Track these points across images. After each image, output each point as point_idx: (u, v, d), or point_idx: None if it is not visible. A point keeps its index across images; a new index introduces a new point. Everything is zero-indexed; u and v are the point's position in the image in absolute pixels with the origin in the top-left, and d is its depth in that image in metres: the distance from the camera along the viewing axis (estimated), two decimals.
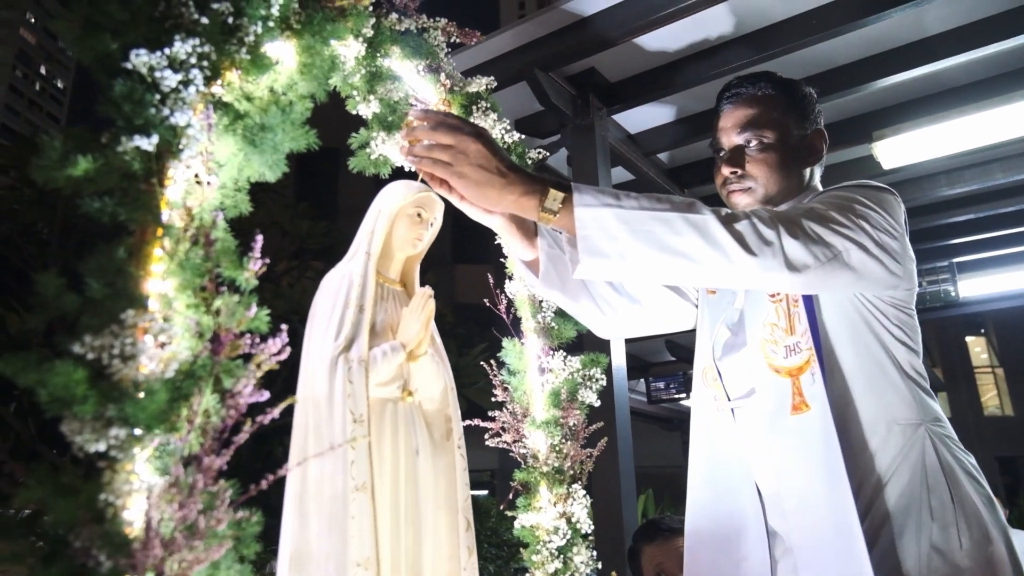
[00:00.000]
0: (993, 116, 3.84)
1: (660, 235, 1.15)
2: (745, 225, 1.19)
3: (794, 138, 1.53)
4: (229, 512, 1.01)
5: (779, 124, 1.51)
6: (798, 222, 1.23)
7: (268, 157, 1.23)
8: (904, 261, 1.36)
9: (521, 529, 1.76)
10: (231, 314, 1.10)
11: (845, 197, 1.35)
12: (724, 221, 1.18)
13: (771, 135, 1.51)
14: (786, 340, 1.43)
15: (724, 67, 3.46)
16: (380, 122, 1.71)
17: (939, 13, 3.29)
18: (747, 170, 1.52)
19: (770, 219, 1.21)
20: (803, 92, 1.59)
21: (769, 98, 1.53)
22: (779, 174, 1.51)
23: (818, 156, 1.58)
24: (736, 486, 1.53)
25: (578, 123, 3.54)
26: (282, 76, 1.38)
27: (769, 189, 1.53)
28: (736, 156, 1.53)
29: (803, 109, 1.56)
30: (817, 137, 1.57)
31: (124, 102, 1.10)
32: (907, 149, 4.13)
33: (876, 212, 1.32)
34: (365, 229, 1.48)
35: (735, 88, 1.59)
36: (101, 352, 0.97)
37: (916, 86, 3.91)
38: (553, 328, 1.90)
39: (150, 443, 1.00)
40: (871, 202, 1.34)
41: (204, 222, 1.14)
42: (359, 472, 1.24)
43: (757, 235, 1.18)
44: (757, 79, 1.57)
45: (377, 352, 1.36)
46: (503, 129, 1.87)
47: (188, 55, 1.15)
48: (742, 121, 1.53)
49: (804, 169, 1.56)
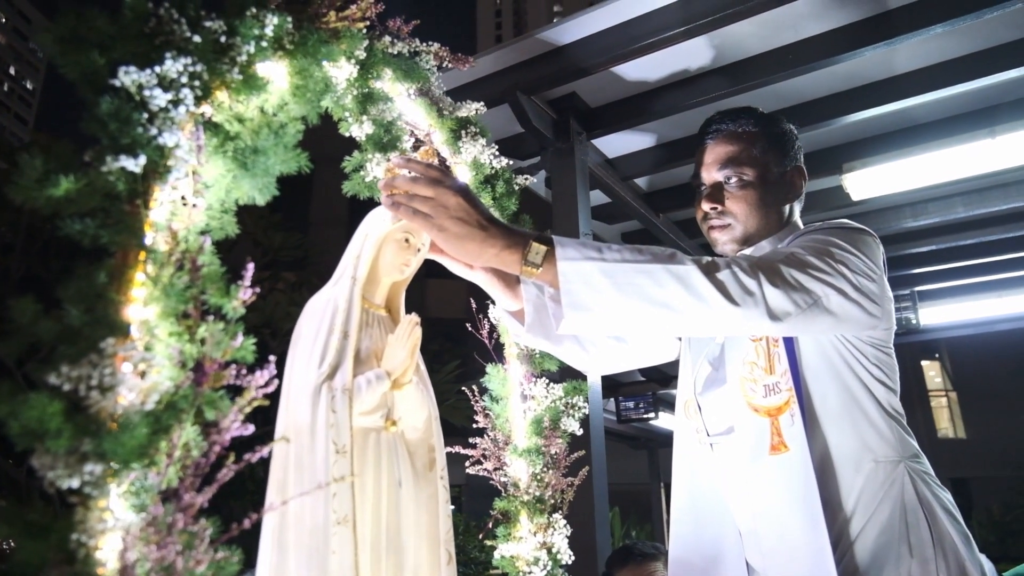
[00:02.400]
0: (956, 153, 3.97)
1: (643, 287, 1.15)
2: (727, 275, 1.19)
3: (774, 175, 1.53)
4: (209, 552, 0.96)
5: (759, 161, 1.52)
6: (778, 269, 1.23)
7: (259, 180, 1.20)
8: (882, 302, 1.37)
9: (501, 559, 1.74)
10: (216, 343, 1.06)
11: (824, 240, 1.35)
12: (706, 271, 1.18)
13: (751, 172, 1.51)
14: (765, 379, 1.43)
15: (701, 97, 3.52)
16: (374, 143, 1.69)
17: (909, 53, 3.39)
18: (726, 207, 1.53)
19: (751, 268, 1.22)
20: (784, 129, 1.60)
21: (750, 135, 1.54)
22: (758, 211, 1.52)
23: (797, 193, 1.59)
24: (716, 519, 1.53)
25: (558, 146, 3.55)
26: (273, 97, 1.35)
27: (748, 226, 1.53)
28: (716, 192, 1.54)
29: (783, 146, 1.56)
30: (797, 174, 1.58)
31: (110, 120, 1.06)
32: (875, 182, 4.24)
33: (855, 255, 1.33)
34: (351, 253, 1.45)
35: (717, 124, 1.59)
36: (78, 383, 0.92)
37: (885, 122, 4.02)
38: (536, 355, 1.88)
39: (126, 478, 0.95)
40: (850, 245, 1.34)
41: (190, 246, 1.10)
42: (341, 505, 1.21)
43: (739, 284, 1.18)
44: (739, 115, 1.58)
45: (362, 380, 1.33)
46: (491, 154, 1.86)
47: (179, 74, 1.12)
48: (722, 158, 1.53)
49: (783, 206, 1.57)
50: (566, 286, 1.14)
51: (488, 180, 1.88)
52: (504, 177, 1.91)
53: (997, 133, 3.82)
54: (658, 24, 3.11)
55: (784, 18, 3.14)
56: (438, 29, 25.02)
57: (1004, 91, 3.71)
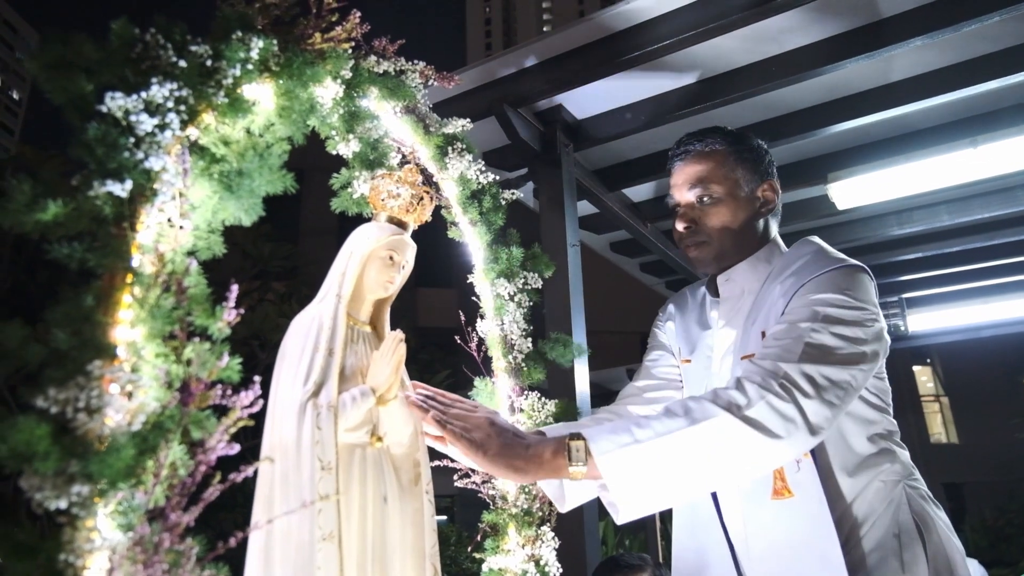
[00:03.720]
0: (939, 163, 4.03)
1: (685, 459, 1.15)
2: (761, 409, 1.16)
3: (745, 192, 1.53)
4: (195, 570, 0.98)
5: (728, 179, 1.53)
6: (806, 373, 1.21)
7: (244, 201, 1.22)
8: (882, 341, 1.36)
9: (489, 572, 1.75)
10: (202, 363, 1.08)
11: (827, 303, 1.31)
12: (739, 414, 1.15)
13: (720, 190, 1.52)
14: None
15: (687, 108, 3.56)
16: (361, 161, 1.71)
17: (890, 65, 3.45)
18: (700, 225, 1.54)
19: (781, 387, 1.18)
20: (752, 145, 1.59)
21: (717, 153, 1.55)
22: (732, 228, 1.52)
23: (771, 207, 1.58)
24: (712, 541, 1.51)
25: (545, 158, 3.59)
26: (259, 118, 1.37)
27: (723, 243, 1.53)
28: (689, 212, 1.56)
29: (753, 162, 1.56)
30: (769, 189, 1.57)
31: (97, 145, 1.08)
32: (860, 191, 4.29)
33: (860, 308, 1.31)
34: (336, 271, 1.47)
35: (685, 145, 1.61)
36: (65, 405, 0.94)
37: (869, 132, 4.07)
38: (523, 369, 1.91)
39: (113, 498, 0.96)
40: (853, 298, 1.32)
41: (176, 268, 1.12)
42: (326, 521, 1.22)
43: (776, 415, 1.16)
44: (706, 135, 1.59)
45: (347, 397, 1.35)
46: (478, 170, 1.89)
47: (165, 99, 1.14)
48: (692, 178, 1.56)
49: (757, 221, 1.56)
50: (613, 485, 1.16)
51: (475, 195, 1.91)
52: (491, 192, 1.93)
53: (979, 143, 3.88)
54: (642, 38, 3.15)
55: (766, 32, 3.19)
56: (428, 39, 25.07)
57: (985, 102, 3.77)
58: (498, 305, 1.87)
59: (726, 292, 1.57)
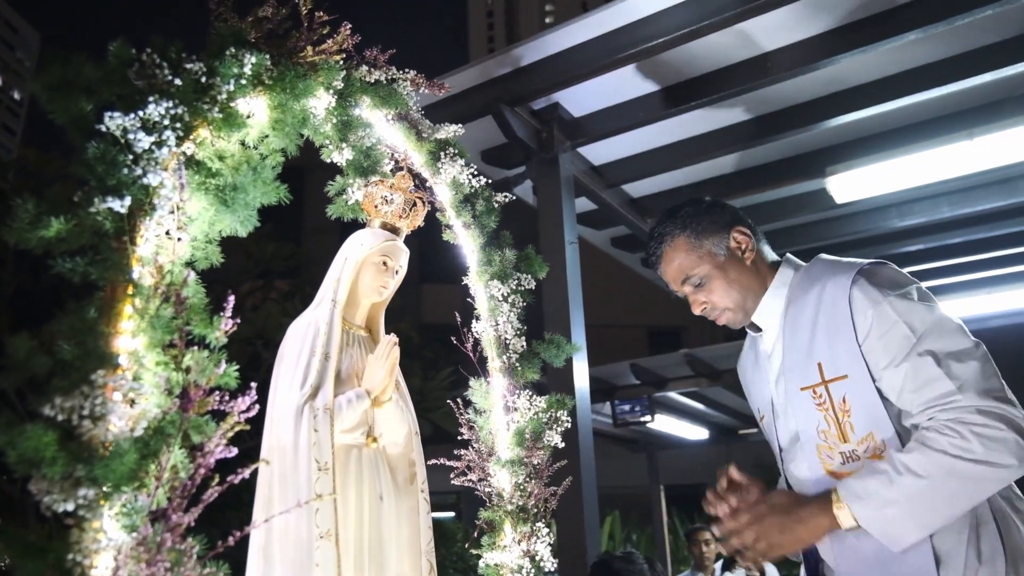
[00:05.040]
0: (936, 155, 4.03)
1: (944, 501, 1.26)
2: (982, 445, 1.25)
3: (722, 254, 1.60)
4: (196, 568, 1.03)
5: (702, 257, 1.60)
6: (978, 392, 1.29)
7: (240, 213, 1.27)
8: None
9: (486, 567, 1.80)
10: (201, 370, 1.13)
11: (904, 313, 1.37)
12: (969, 458, 1.25)
13: (702, 270, 1.59)
14: (841, 447, 1.44)
15: (683, 104, 3.58)
16: (355, 168, 1.75)
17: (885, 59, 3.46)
18: (709, 302, 1.62)
19: (982, 415, 1.27)
20: (704, 210, 1.65)
21: (680, 243, 1.62)
22: (733, 288, 1.59)
23: (750, 248, 1.62)
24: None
25: (542, 156, 3.62)
26: (254, 131, 1.42)
27: (735, 302, 1.60)
28: (692, 297, 1.64)
29: (711, 226, 1.61)
30: (737, 235, 1.62)
31: (97, 163, 1.13)
32: (858, 184, 4.30)
33: (926, 298, 1.41)
34: (331, 277, 1.52)
35: (652, 252, 1.69)
36: (71, 413, 0.99)
37: (866, 125, 4.08)
38: (518, 368, 1.95)
39: (118, 501, 1.02)
40: (934, 304, 1.41)
41: (175, 279, 1.17)
42: (324, 520, 1.27)
43: (997, 443, 1.25)
44: (662, 232, 1.65)
45: (342, 400, 1.39)
46: (470, 174, 1.93)
47: (161, 116, 1.19)
48: (675, 275, 1.64)
49: (747, 265, 1.61)
50: (885, 538, 1.29)
51: (468, 199, 1.95)
52: (483, 196, 1.97)
53: (975, 135, 3.88)
54: (637, 36, 3.18)
55: (761, 28, 3.20)
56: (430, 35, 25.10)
57: (980, 95, 3.77)
58: (492, 306, 1.91)
59: (764, 324, 1.65)
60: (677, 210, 1.66)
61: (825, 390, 1.45)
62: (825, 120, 3.82)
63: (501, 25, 65.63)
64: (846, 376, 1.43)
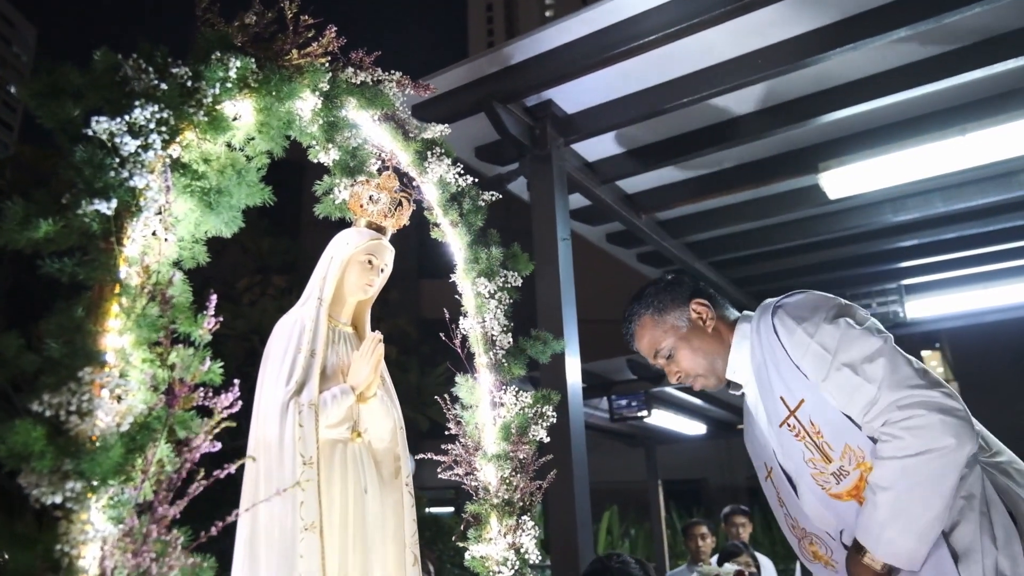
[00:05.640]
0: (929, 151, 4.05)
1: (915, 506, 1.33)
2: (912, 437, 1.32)
3: (684, 325, 1.73)
4: (181, 558, 1.06)
5: (667, 331, 1.73)
6: (889, 384, 1.38)
7: (224, 215, 1.30)
8: (849, 306, 1.57)
9: (472, 560, 1.83)
10: (186, 367, 1.16)
11: (845, 336, 1.47)
12: (909, 454, 1.32)
13: (669, 342, 1.72)
14: (829, 468, 1.50)
15: (676, 101, 3.60)
16: (341, 168, 1.78)
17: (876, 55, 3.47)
18: (680, 370, 1.74)
19: (901, 411, 1.35)
20: (664, 288, 1.78)
21: (645, 320, 1.76)
22: (699, 354, 1.72)
23: (709, 316, 1.73)
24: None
25: (536, 152, 3.64)
26: (240, 133, 1.45)
27: (704, 367, 1.73)
28: (667, 368, 1.77)
29: (671, 303, 1.74)
30: (696, 305, 1.73)
31: (85, 167, 1.16)
32: (851, 180, 4.32)
33: (830, 317, 1.51)
34: (317, 275, 1.55)
35: (624, 333, 1.82)
36: (59, 409, 1.03)
37: (859, 121, 4.10)
38: (504, 364, 1.98)
39: (105, 493, 1.05)
40: (840, 318, 1.51)
41: (161, 279, 1.20)
42: (308, 512, 1.30)
43: (925, 430, 1.32)
44: (630, 313, 1.79)
45: (327, 395, 1.43)
46: (457, 173, 1.96)
47: (147, 120, 1.22)
48: (647, 350, 1.78)
49: (709, 330, 1.72)
50: (899, 560, 1.36)
51: (454, 198, 1.98)
52: (470, 195, 2.00)
53: (968, 131, 3.90)
54: (630, 33, 3.20)
55: (752, 25, 3.22)
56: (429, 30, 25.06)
57: (972, 91, 3.79)
58: (479, 303, 1.95)
59: (740, 379, 1.75)
60: (641, 291, 1.81)
61: (796, 420, 1.53)
62: (818, 116, 3.84)
63: (501, 19, 65.43)
64: (803, 400, 1.51)
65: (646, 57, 3.39)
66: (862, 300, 7.05)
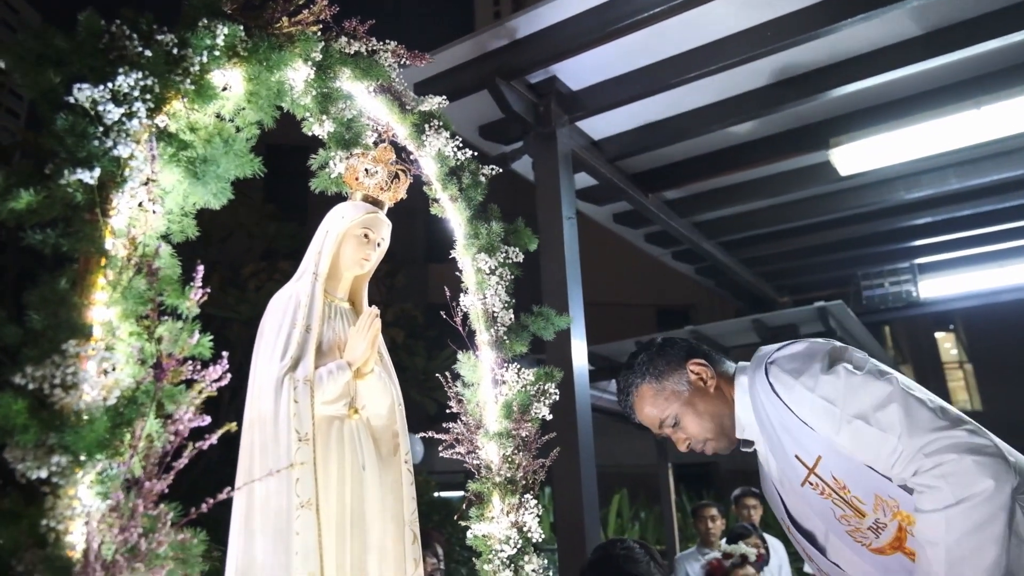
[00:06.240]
0: (942, 125, 3.96)
1: (969, 554, 1.22)
2: (948, 486, 1.23)
3: (685, 391, 1.61)
4: (171, 534, 1.04)
5: (668, 399, 1.62)
6: (910, 428, 1.28)
7: (212, 186, 1.27)
8: (843, 349, 1.45)
9: (474, 538, 1.81)
10: (174, 341, 1.14)
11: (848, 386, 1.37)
12: (950, 504, 1.23)
13: (672, 410, 1.61)
14: (864, 523, 1.44)
15: (684, 76, 3.53)
16: (336, 141, 1.74)
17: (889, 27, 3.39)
18: (688, 437, 1.63)
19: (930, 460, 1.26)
20: (657, 353, 1.65)
21: (644, 391, 1.64)
22: (703, 418, 1.60)
23: (709, 376, 1.62)
24: None
25: (540, 130, 3.59)
26: (229, 103, 1.41)
27: (713, 430, 1.61)
28: (674, 436, 1.65)
29: (668, 369, 1.62)
30: (694, 367, 1.62)
31: (67, 135, 1.13)
32: (862, 156, 4.24)
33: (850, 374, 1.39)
34: (313, 250, 1.52)
35: (622, 405, 1.71)
36: (42, 382, 1.00)
37: (870, 95, 4.01)
38: (506, 341, 1.95)
39: (92, 468, 1.03)
40: (837, 366, 1.41)
41: (147, 251, 1.17)
42: (304, 489, 1.28)
43: (959, 478, 1.23)
44: (626, 385, 1.67)
45: (323, 371, 1.40)
46: (455, 146, 1.91)
47: (131, 88, 1.18)
48: (650, 421, 1.66)
49: (711, 391, 1.62)
50: None
51: (453, 172, 1.93)
52: (470, 169, 1.96)
53: (983, 104, 3.81)
54: (635, 6, 3.13)
55: None
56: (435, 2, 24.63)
57: (987, 62, 3.69)
58: (479, 279, 1.91)
59: (748, 436, 1.65)
60: (633, 360, 1.69)
61: (817, 477, 1.45)
62: (829, 90, 3.76)
63: None
64: (820, 457, 1.43)
65: (652, 30, 3.32)
66: (874, 280, 6.96)
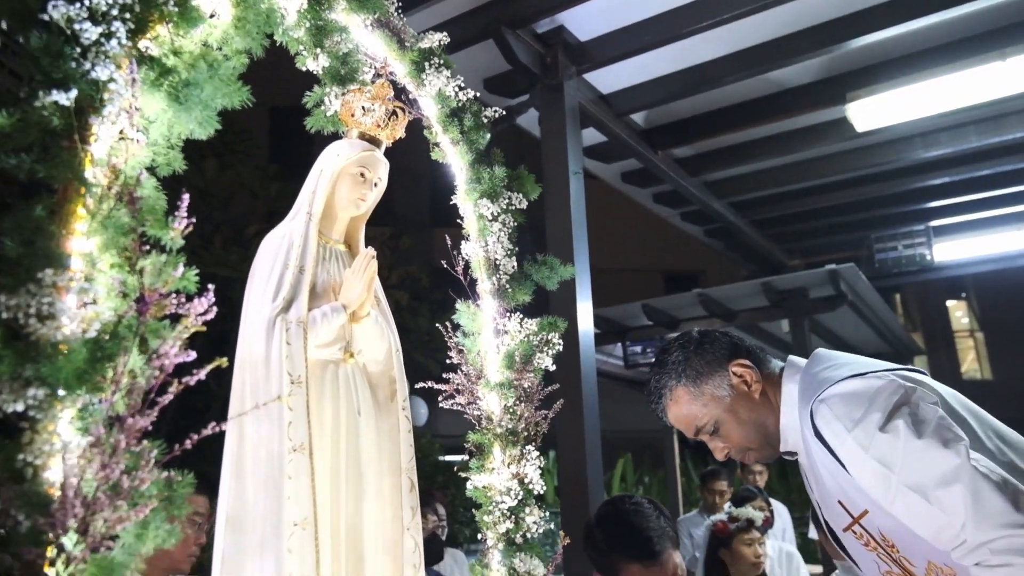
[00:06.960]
0: (965, 78, 3.83)
1: None
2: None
3: (727, 395, 1.43)
4: (154, 472, 1.01)
5: (707, 404, 1.44)
6: (978, 514, 1.13)
7: (197, 113, 1.20)
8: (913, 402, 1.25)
9: (474, 490, 1.78)
10: (157, 274, 1.08)
11: (906, 451, 1.20)
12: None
13: (710, 416, 1.43)
14: None
15: (698, 24, 3.40)
16: (331, 77, 1.67)
17: None
18: (727, 446, 1.46)
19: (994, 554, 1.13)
20: (695, 351, 1.47)
21: (679, 394, 1.46)
22: (746, 427, 1.43)
23: (754, 380, 1.45)
24: None
25: (547, 83, 3.48)
26: (217, 31, 1.34)
27: (756, 440, 1.45)
28: (712, 443, 1.48)
29: (708, 367, 1.45)
30: (737, 369, 1.44)
31: (41, 55, 1.06)
32: (881, 111, 4.12)
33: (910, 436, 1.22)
34: (307, 189, 1.46)
35: (654, 408, 1.52)
36: (17, 311, 0.96)
37: (889, 47, 3.87)
38: (508, 290, 1.89)
39: (73, 404, 0.99)
40: (896, 420, 1.22)
41: (128, 180, 1.11)
42: (297, 433, 1.24)
43: None
44: (658, 386, 1.48)
45: (317, 313, 1.35)
46: (457, 87, 1.83)
47: (109, 6, 1.11)
48: (685, 426, 1.48)
49: (755, 396, 1.44)
50: None
51: (455, 113, 1.86)
52: (472, 110, 1.88)
53: (1008, 55, 3.67)
54: None
55: None
56: None
57: (1015, 10, 3.54)
58: (481, 226, 1.85)
59: (793, 448, 1.47)
60: (666, 356, 1.49)
61: (862, 528, 1.32)
62: (847, 40, 3.62)
63: None
64: (867, 511, 1.29)
65: None
66: (887, 243, 6.85)
